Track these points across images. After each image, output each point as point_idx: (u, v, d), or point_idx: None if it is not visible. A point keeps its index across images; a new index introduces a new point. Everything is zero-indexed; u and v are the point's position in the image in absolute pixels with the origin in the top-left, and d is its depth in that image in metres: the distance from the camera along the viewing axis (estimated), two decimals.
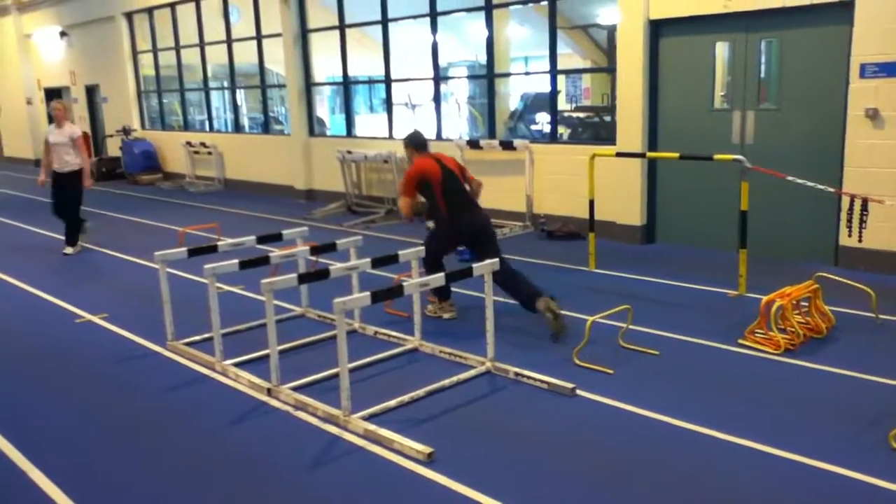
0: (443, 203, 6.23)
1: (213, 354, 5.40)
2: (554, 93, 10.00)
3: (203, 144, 15.55)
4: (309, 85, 13.16)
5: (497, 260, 5.19)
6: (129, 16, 17.11)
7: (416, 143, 6.51)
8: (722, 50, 7.99)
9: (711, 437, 4.08)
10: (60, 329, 6.49)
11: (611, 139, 8.96)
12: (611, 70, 9.80)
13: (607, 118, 10.74)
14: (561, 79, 11.70)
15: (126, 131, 17.04)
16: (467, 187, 6.40)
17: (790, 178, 6.58)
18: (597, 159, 7.74)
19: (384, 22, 11.60)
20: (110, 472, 4.03)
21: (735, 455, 3.90)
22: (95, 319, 6.66)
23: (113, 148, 18.03)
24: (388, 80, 12.00)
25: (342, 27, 12.34)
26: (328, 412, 4.47)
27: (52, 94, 20.87)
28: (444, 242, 6.38)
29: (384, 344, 5.73)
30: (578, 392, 4.69)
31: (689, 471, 3.78)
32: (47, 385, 5.28)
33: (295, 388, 4.86)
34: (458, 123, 15.34)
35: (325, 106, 15.93)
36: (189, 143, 15.88)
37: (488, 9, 10.22)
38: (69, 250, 9.55)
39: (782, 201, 7.60)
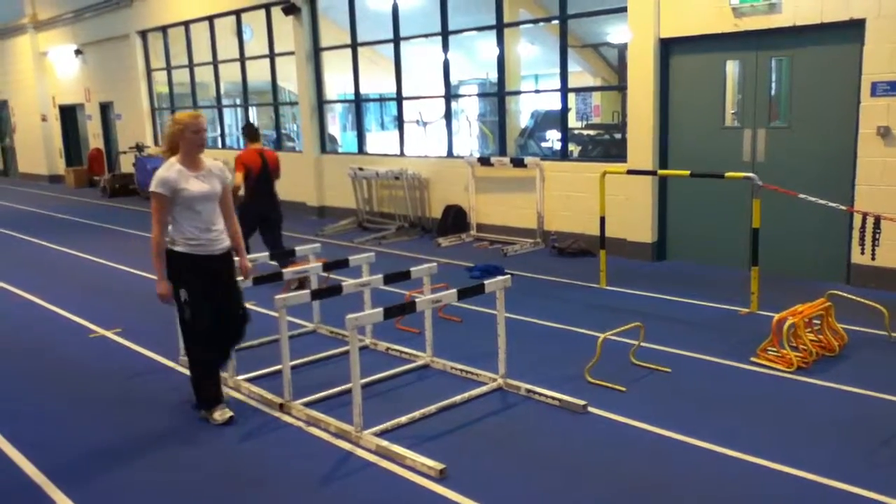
0: (252, 187, 7.99)
1: (226, 369, 5.42)
2: (564, 110, 10.05)
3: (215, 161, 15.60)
4: (321, 102, 13.26)
5: (508, 277, 5.21)
6: (143, 34, 17.32)
7: (249, 133, 8.47)
8: (732, 68, 8.01)
9: (724, 455, 4.07)
10: (74, 344, 6.54)
11: (621, 157, 8.98)
12: (621, 88, 9.83)
13: (618, 136, 10.76)
14: (571, 96, 11.77)
15: (139, 148, 17.19)
16: (275, 182, 8.19)
17: (802, 195, 6.58)
18: (607, 177, 7.77)
19: (396, 40, 11.69)
20: (124, 487, 4.05)
21: (748, 473, 3.89)
22: (109, 334, 6.71)
23: (126, 164, 18.19)
24: (399, 98, 12.08)
25: (354, 45, 12.44)
26: (340, 428, 4.49)
27: (67, 111, 21.12)
28: (247, 219, 7.52)
29: (396, 360, 5.74)
30: (590, 409, 4.69)
31: (701, 488, 3.77)
32: (61, 400, 5.32)
33: (307, 404, 4.88)
34: (468, 141, 15.40)
35: (337, 123, 16.02)
36: None
37: (499, 28, 10.30)
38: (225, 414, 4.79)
39: (794, 219, 7.58)
